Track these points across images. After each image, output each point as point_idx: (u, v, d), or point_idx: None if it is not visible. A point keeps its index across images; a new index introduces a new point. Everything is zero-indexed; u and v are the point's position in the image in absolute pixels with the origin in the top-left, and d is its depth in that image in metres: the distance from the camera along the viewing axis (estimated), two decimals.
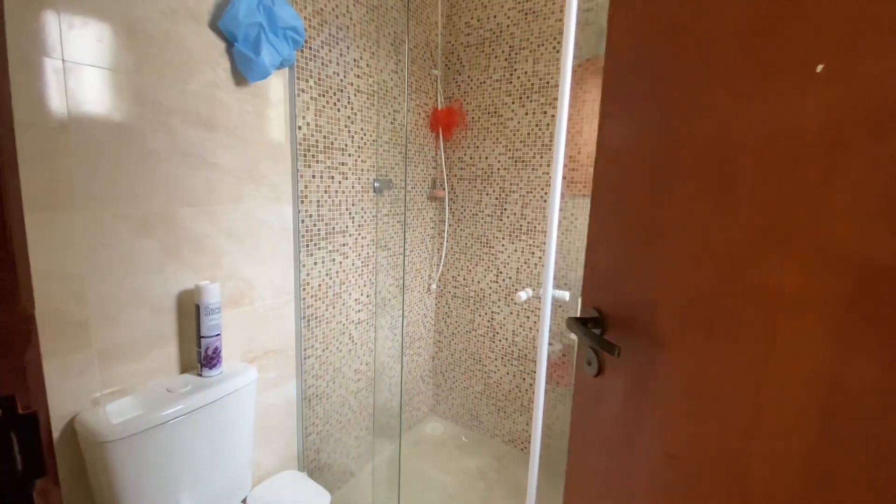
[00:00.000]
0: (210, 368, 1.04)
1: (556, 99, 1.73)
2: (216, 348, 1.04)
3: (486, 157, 1.88)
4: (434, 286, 2.09)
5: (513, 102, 1.79)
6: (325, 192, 1.42)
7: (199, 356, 1.04)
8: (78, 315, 0.88)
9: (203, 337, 1.03)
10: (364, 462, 1.79)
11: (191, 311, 1.06)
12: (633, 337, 0.55)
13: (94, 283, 0.90)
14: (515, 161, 1.81)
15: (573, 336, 1.70)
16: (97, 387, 0.92)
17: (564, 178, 1.70)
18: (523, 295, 1.02)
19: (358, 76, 1.49)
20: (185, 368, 1.08)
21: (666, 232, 0.52)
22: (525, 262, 1.84)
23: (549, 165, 1.74)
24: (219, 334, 1.05)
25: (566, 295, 0.95)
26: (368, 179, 1.59)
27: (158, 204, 0.99)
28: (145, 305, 0.99)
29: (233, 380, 1.04)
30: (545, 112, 1.72)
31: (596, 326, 0.60)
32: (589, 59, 1.37)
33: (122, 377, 0.97)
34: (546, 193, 1.75)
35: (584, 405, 0.64)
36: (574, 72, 0.77)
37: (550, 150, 1.73)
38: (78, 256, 0.87)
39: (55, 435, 0.87)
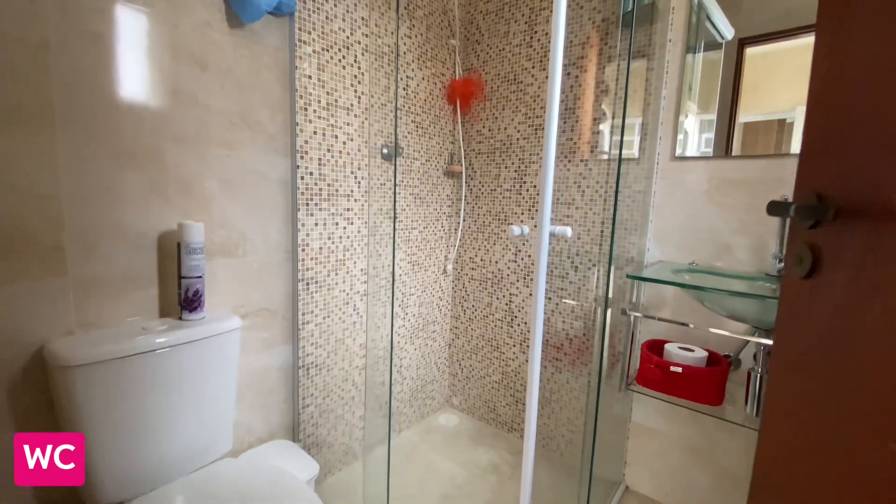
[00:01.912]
0: (190, 311, 1.00)
1: (580, 58, 1.60)
2: (197, 291, 1.00)
3: (505, 128, 1.78)
4: (450, 267, 1.99)
5: (533, 67, 1.69)
6: (328, 150, 1.37)
7: (179, 297, 1.00)
8: (53, 239, 0.87)
9: (183, 277, 0.99)
10: (370, 446, 1.69)
11: (173, 253, 1.03)
12: (868, 221, 0.41)
13: (73, 209, 0.89)
14: (535, 129, 1.70)
15: (595, 307, 1.53)
16: (72, 318, 0.90)
17: (587, 142, 1.56)
18: (516, 230, 0.90)
19: (366, 35, 1.45)
20: (165, 312, 1.04)
21: None
22: (525, 223, 1.70)
23: (572, 130, 1.61)
24: (200, 276, 1.01)
25: (567, 231, 0.82)
26: (376, 145, 1.54)
27: (144, 137, 0.98)
28: (126, 241, 0.97)
29: (212, 324, 0.99)
30: (568, 73, 1.60)
31: (811, 216, 0.47)
32: None
33: (99, 313, 0.94)
34: (569, 161, 1.61)
35: (789, 313, 0.51)
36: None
37: (574, 113, 1.60)
38: (56, 179, 0.86)
39: (24, 359, 0.84)
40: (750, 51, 1.25)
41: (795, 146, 1.20)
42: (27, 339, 0.85)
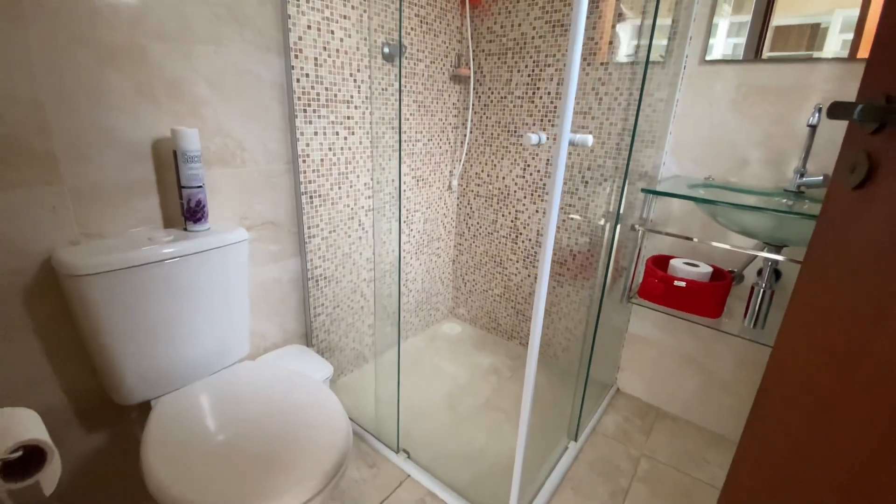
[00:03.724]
0: (195, 222, 0.99)
1: None
2: (199, 201, 0.98)
3: (520, 25, 1.60)
4: (455, 183, 1.94)
5: None
6: (324, 48, 1.25)
7: (182, 208, 0.98)
8: (42, 145, 0.82)
9: (184, 187, 0.96)
10: (380, 350, 1.79)
11: (170, 162, 0.99)
12: None
13: (57, 114, 0.82)
14: (553, 25, 1.53)
15: (602, 223, 1.52)
16: (74, 227, 0.89)
17: (610, 42, 1.41)
18: (533, 137, 0.85)
19: None
20: (169, 223, 1.03)
21: None
22: (546, 130, 1.63)
23: (593, 28, 1.45)
24: (200, 186, 0.97)
25: (588, 139, 0.77)
26: (376, 42, 1.40)
27: (123, 32, 0.87)
28: (119, 148, 0.91)
29: (220, 235, 0.98)
30: None
31: (877, 118, 0.42)
32: None
33: (101, 223, 0.92)
34: (588, 64, 1.47)
35: (831, 227, 0.49)
36: None
37: (598, 6, 1.43)
38: (34, 79, 0.79)
39: (33, 268, 0.85)
40: None
41: (828, 51, 1.09)
42: (33, 249, 0.84)
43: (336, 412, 0.90)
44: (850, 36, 1.06)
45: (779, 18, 1.15)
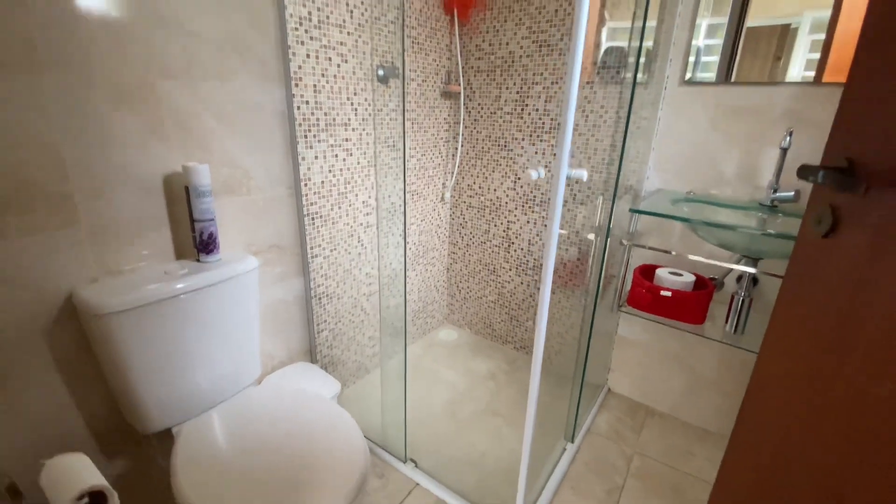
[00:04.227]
0: (207, 254, 1.02)
1: None
2: (211, 233, 1.01)
3: (507, 43, 1.66)
4: (448, 195, 1.99)
5: None
6: (323, 75, 1.28)
7: (195, 241, 1.01)
8: (60, 188, 0.84)
9: (196, 221, 0.99)
10: (378, 361, 1.84)
11: (181, 196, 1.02)
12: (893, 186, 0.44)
13: (73, 155, 0.85)
14: (540, 45, 1.59)
15: (591, 237, 1.60)
16: (93, 265, 0.91)
17: (594, 62, 1.49)
18: (534, 174, 0.92)
19: None
20: (180, 255, 1.06)
21: None
22: (546, 166, 1.70)
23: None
24: (212, 219, 1.00)
25: (583, 174, 0.83)
26: (371, 66, 1.44)
27: (134, 73, 0.90)
28: (132, 185, 0.94)
29: (232, 265, 1.02)
30: None
31: (840, 187, 0.49)
32: None
33: (118, 259, 0.95)
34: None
35: (801, 267, 0.55)
36: None
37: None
38: (50, 124, 0.81)
39: (54, 308, 0.87)
40: None
41: (795, 57, 1.18)
42: (55, 288, 0.87)
43: (352, 432, 0.96)
44: (821, 36, 1.13)
45: (752, 20, 1.22)
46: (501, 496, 1.25)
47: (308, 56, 1.23)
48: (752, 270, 1.15)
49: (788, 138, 1.12)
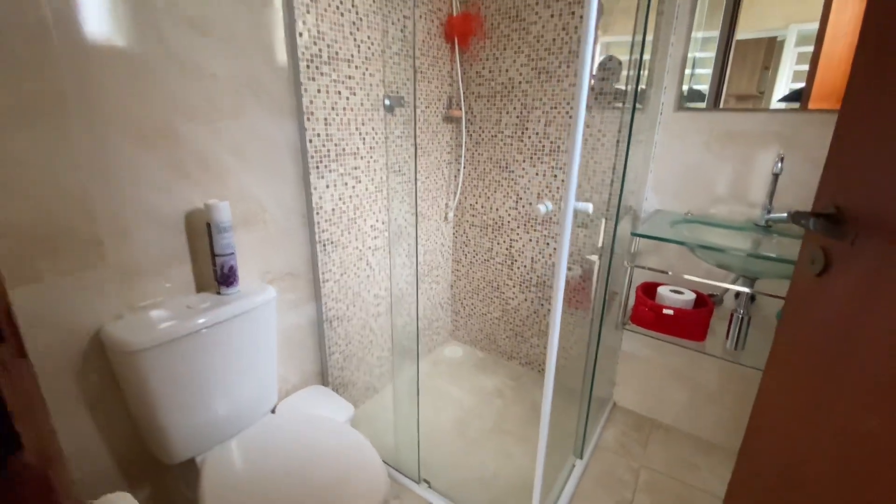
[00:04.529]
0: (227, 286, 1.05)
1: None
2: (231, 266, 1.04)
3: (507, 70, 1.72)
4: (451, 215, 2.04)
5: (536, 3, 1.59)
6: (333, 108, 1.33)
7: (216, 274, 1.05)
8: (90, 232, 0.88)
9: (217, 255, 1.03)
10: (386, 380, 1.87)
11: (201, 230, 1.06)
12: (876, 232, 0.49)
13: (101, 199, 0.89)
14: (539, 72, 1.65)
15: (593, 258, 1.65)
16: (119, 302, 0.94)
17: (592, 88, 1.55)
18: (542, 208, 0.96)
19: None
20: (201, 287, 1.09)
21: None
22: (547, 187, 1.75)
23: (575, 76, 1.58)
24: (233, 253, 1.04)
25: (589, 207, 0.88)
26: (378, 96, 1.49)
27: (157, 117, 0.94)
28: (156, 223, 0.98)
29: (251, 297, 1.05)
30: (573, 13, 1.53)
31: (830, 235, 0.54)
32: None
33: (142, 294, 0.98)
34: (572, 108, 1.60)
35: (797, 304, 0.60)
36: None
37: (579, 56, 1.55)
38: (80, 171, 0.85)
39: (82, 345, 0.90)
40: None
41: (783, 68, 1.24)
42: (84, 327, 0.90)
43: (372, 459, 0.99)
44: (808, 48, 1.19)
45: (741, 33, 1.28)
46: None
47: (319, 91, 1.28)
48: (747, 291, 1.20)
49: (780, 164, 1.18)
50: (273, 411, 1.24)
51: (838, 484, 0.53)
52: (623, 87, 1.50)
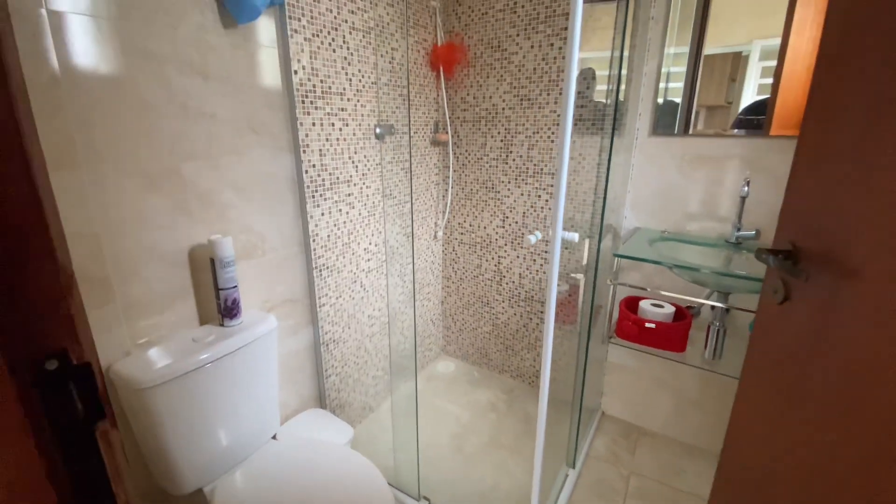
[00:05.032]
0: (231, 318, 1.09)
1: (564, 29, 1.62)
2: (234, 299, 1.08)
3: (490, 97, 1.80)
4: (440, 233, 2.10)
5: (517, 35, 1.69)
6: (327, 140, 1.38)
7: (220, 307, 1.08)
8: (99, 272, 0.90)
9: (221, 289, 1.06)
10: (381, 399, 1.90)
11: (204, 264, 1.09)
12: (825, 268, 0.56)
13: (110, 241, 0.92)
14: (521, 99, 1.74)
15: (578, 276, 1.73)
16: (126, 339, 0.97)
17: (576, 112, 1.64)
18: (532, 238, 1.03)
19: (352, 12, 1.39)
20: (204, 320, 1.12)
21: (880, 162, 0.50)
22: (531, 206, 1.83)
23: (556, 103, 1.67)
24: (235, 286, 1.08)
25: (575, 236, 0.95)
26: (369, 125, 1.55)
27: (162, 159, 0.98)
28: (161, 261, 1.01)
29: (253, 329, 1.09)
30: (552, 44, 1.63)
31: (787, 258, 0.61)
32: None
33: (148, 329, 1.01)
34: (554, 133, 1.69)
35: (763, 329, 0.68)
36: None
37: (558, 85, 1.65)
38: (90, 215, 0.88)
39: None
40: None
41: (748, 82, 1.34)
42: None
43: (377, 482, 1.03)
44: (773, 63, 1.28)
45: (709, 48, 1.37)
46: None
47: (314, 124, 1.33)
48: (721, 305, 1.29)
49: (746, 188, 1.28)
50: (274, 437, 1.27)
51: (809, 483, 0.60)
52: (603, 101, 1.59)
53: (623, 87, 1.46)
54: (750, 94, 1.36)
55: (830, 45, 0.59)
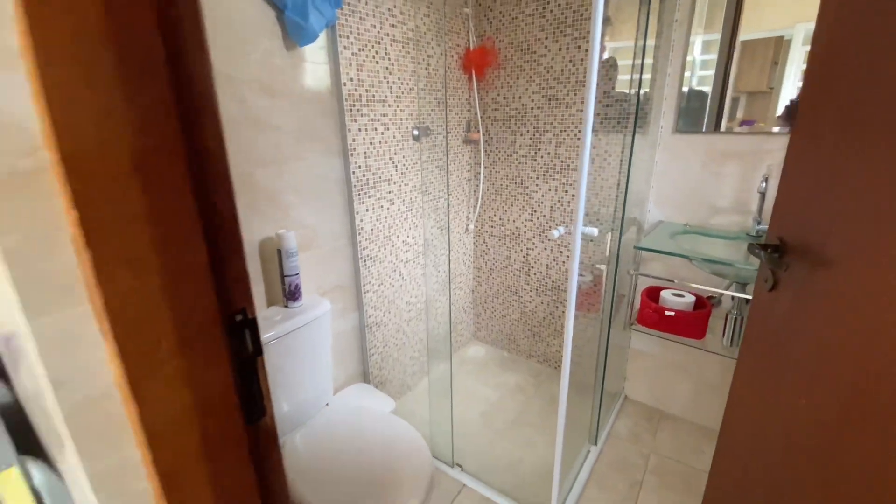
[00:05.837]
0: (294, 301, 1.27)
1: (589, 32, 1.69)
2: (297, 285, 1.26)
3: (520, 97, 1.91)
4: (472, 226, 2.24)
5: (546, 38, 1.78)
6: (371, 143, 1.54)
7: (284, 291, 1.26)
8: None
9: (286, 276, 1.24)
10: (418, 378, 2.08)
11: (270, 255, 1.27)
12: (803, 260, 0.67)
13: None
14: (549, 99, 1.84)
15: (601, 267, 1.83)
16: None
17: (598, 114, 1.73)
18: (556, 233, 1.15)
19: (393, 25, 1.53)
20: (270, 302, 1.31)
21: (848, 169, 0.59)
22: (559, 201, 1.93)
23: (582, 103, 1.76)
24: (297, 273, 1.26)
25: (594, 231, 1.06)
26: (407, 128, 1.69)
27: (239, 165, 1.16)
28: None
29: (312, 310, 1.27)
30: (579, 47, 1.71)
31: (775, 252, 0.71)
32: None
33: None
34: (580, 131, 1.78)
35: (757, 313, 0.79)
36: None
37: (584, 85, 1.73)
38: None
39: None
40: None
41: (791, 68, 1.31)
42: None
43: (418, 441, 1.19)
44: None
45: (745, 33, 1.35)
46: (538, 494, 1.47)
47: (360, 130, 1.48)
48: (739, 295, 1.37)
49: (764, 184, 1.34)
50: (327, 405, 1.46)
51: (786, 446, 0.71)
52: (626, 91, 1.66)
53: (647, 76, 1.50)
54: (792, 81, 1.32)
55: (816, 60, 0.68)
